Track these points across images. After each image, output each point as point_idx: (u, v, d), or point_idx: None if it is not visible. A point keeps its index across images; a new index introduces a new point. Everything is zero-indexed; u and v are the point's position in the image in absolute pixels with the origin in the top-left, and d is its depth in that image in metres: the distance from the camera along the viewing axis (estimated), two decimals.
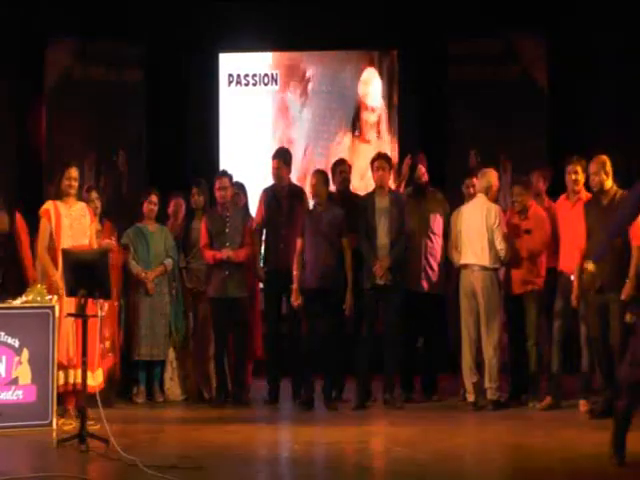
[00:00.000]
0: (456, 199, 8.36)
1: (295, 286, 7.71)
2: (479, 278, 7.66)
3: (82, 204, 7.37)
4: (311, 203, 8.03)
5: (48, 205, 7.25)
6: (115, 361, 7.81)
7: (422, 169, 8.10)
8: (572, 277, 7.26)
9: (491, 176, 7.90)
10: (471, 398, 7.66)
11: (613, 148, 9.30)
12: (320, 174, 7.92)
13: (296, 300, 7.70)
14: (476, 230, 7.68)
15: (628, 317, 6.56)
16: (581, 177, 7.46)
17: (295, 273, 7.72)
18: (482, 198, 7.79)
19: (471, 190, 8.13)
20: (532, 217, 7.72)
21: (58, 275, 6.93)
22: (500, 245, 7.61)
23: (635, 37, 9.22)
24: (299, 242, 7.77)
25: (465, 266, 7.73)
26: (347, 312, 7.65)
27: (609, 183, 7.05)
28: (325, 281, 7.65)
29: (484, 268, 7.65)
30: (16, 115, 9.78)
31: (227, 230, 7.97)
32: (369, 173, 8.26)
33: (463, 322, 7.74)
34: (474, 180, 8.19)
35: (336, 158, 8.93)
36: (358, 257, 7.78)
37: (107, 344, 7.61)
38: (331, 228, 7.71)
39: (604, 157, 7.20)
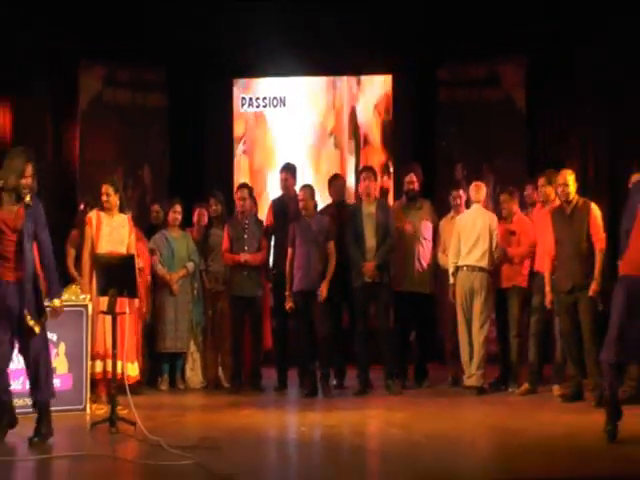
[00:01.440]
0: (444, 208, 8.43)
1: (288, 293, 7.76)
2: (478, 278, 7.72)
3: (124, 216, 7.42)
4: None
5: (92, 214, 7.36)
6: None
7: (413, 177, 8.11)
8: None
9: (485, 189, 8.08)
10: (468, 376, 7.77)
11: (583, 162, 9.43)
12: (308, 188, 7.95)
13: (288, 304, 7.74)
14: (479, 235, 7.73)
15: (600, 307, 6.78)
16: (550, 189, 7.49)
17: (288, 282, 7.77)
18: (481, 207, 7.90)
19: (457, 201, 8.18)
20: (516, 222, 7.78)
21: (86, 282, 7.02)
22: (495, 249, 7.69)
23: (608, 65, 9.26)
24: (289, 251, 7.79)
25: (465, 267, 7.75)
26: (322, 299, 7.65)
27: (573, 194, 7.09)
28: (315, 284, 7.68)
29: (482, 269, 7.72)
30: (53, 135, 9.83)
31: (245, 236, 8.01)
32: None
33: (461, 316, 7.78)
34: (460, 192, 8.26)
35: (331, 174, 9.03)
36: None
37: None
38: (319, 234, 7.75)
39: (569, 171, 7.27)
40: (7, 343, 5.65)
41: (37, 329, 5.63)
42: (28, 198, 5.61)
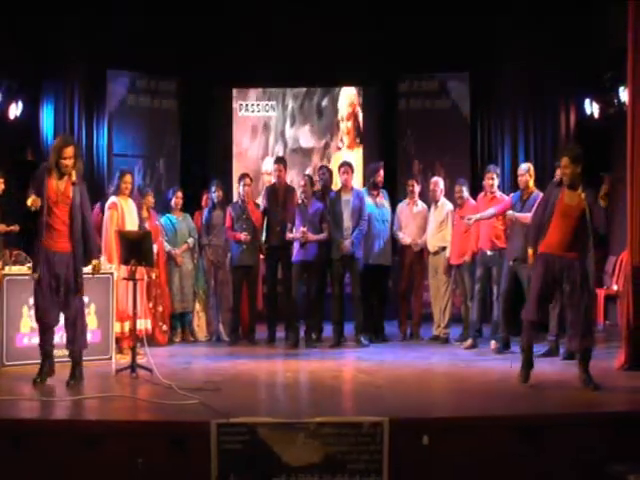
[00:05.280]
0: (403, 196, 8.40)
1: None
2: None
3: (131, 200, 7.29)
4: (300, 198, 7.90)
5: (114, 200, 7.18)
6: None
7: (381, 173, 8.05)
8: (489, 252, 7.26)
9: None
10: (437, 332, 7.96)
11: (515, 160, 9.46)
12: (308, 177, 7.92)
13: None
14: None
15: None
16: (495, 182, 7.43)
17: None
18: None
19: (410, 188, 8.14)
20: (466, 208, 7.71)
21: (113, 255, 6.87)
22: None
23: (533, 83, 9.28)
24: (289, 226, 7.75)
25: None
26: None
27: (531, 183, 6.98)
28: (310, 256, 7.62)
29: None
30: (86, 132, 9.71)
31: (244, 216, 7.90)
32: None
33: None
34: (413, 182, 8.24)
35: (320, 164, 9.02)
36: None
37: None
38: (314, 217, 7.67)
39: (529, 164, 7.20)
40: (57, 305, 5.59)
41: (79, 292, 5.62)
42: (74, 177, 5.48)
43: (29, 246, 6.06)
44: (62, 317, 5.70)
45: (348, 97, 10.87)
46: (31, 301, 5.78)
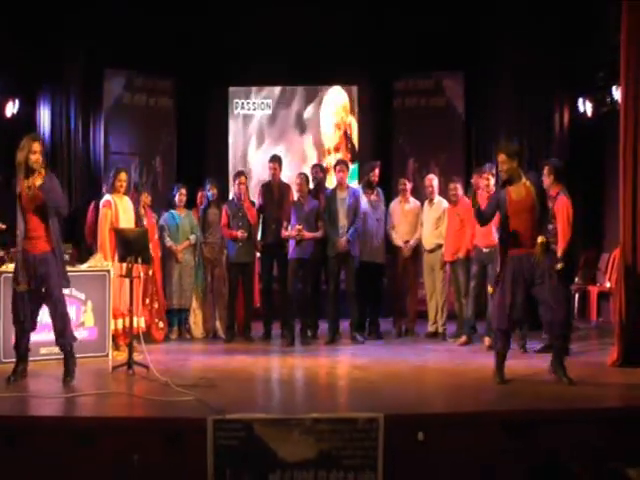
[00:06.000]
0: (397, 194, 8.35)
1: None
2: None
3: (127, 198, 7.28)
4: (296, 195, 7.92)
5: (109, 198, 7.16)
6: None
7: (377, 172, 8.03)
8: (484, 249, 7.25)
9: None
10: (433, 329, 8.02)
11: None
12: (303, 175, 7.90)
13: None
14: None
15: None
16: (492, 181, 7.43)
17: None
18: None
19: (402, 187, 8.15)
20: (461, 205, 7.70)
21: (107, 252, 6.89)
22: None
23: (527, 81, 9.24)
24: (284, 224, 7.73)
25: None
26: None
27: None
28: (305, 253, 7.62)
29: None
30: (82, 131, 9.65)
31: (240, 214, 7.91)
32: None
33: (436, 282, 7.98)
34: (406, 180, 8.26)
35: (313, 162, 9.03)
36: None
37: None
38: (310, 215, 7.67)
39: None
40: (36, 309, 5.58)
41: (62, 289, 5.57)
42: (40, 180, 5.41)
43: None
44: (46, 312, 5.65)
45: (337, 114, 10.83)
46: None
